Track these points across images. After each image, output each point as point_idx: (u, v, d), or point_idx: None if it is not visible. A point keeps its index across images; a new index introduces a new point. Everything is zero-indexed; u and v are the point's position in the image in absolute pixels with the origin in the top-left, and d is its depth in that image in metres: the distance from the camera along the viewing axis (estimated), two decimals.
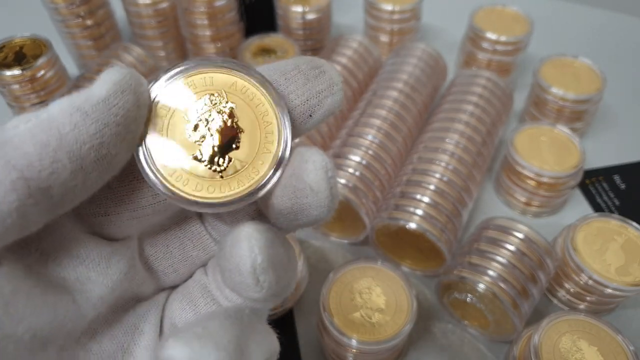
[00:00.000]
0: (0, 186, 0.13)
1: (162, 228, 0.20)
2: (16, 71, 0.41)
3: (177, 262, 0.20)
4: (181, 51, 0.55)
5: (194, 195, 0.17)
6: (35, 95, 0.43)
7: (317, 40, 0.54)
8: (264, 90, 0.17)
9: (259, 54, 0.50)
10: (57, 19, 0.49)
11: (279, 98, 0.17)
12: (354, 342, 0.30)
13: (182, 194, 0.16)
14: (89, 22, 0.49)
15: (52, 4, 0.47)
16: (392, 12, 0.52)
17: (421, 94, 0.45)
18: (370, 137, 0.40)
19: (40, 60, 0.42)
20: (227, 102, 0.17)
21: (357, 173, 0.39)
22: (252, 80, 0.17)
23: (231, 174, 0.17)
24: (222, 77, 0.17)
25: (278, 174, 0.17)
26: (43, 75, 0.43)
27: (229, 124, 0.17)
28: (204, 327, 0.15)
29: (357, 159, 0.39)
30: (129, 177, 0.17)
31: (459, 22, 0.55)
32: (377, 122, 0.41)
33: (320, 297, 0.32)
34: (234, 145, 0.17)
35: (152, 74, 0.46)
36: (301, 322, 0.37)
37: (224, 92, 0.17)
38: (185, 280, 0.20)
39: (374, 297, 0.32)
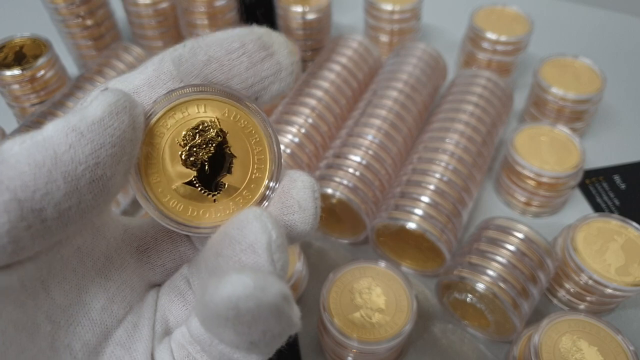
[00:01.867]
0: None
1: (151, 225, 0.20)
2: (16, 71, 0.41)
3: (165, 256, 0.20)
4: None
5: (187, 219, 0.17)
6: (35, 95, 0.43)
7: (317, 40, 0.54)
8: (256, 119, 0.18)
9: None
10: (57, 19, 0.49)
11: (271, 127, 0.18)
12: (354, 342, 0.30)
13: (175, 217, 0.17)
14: (89, 22, 0.49)
15: (52, 4, 0.47)
16: (392, 12, 0.52)
17: (421, 94, 0.45)
18: (370, 137, 0.40)
19: (40, 60, 0.42)
20: (220, 130, 0.18)
21: (357, 173, 0.38)
22: (245, 109, 0.18)
23: (224, 198, 0.18)
24: (216, 105, 0.17)
25: (269, 198, 0.18)
26: (43, 75, 0.43)
27: (222, 150, 0.18)
28: (257, 270, 0.15)
29: (357, 159, 0.39)
30: None
31: (459, 22, 0.55)
32: (377, 122, 0.41)
33: (320, 297, 0.32)
34: (227, 171, 0.18)
35: None
36: (301, 322, 0.37)
37: (217, 120, 0.17)
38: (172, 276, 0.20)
39: (374, 297, 0.32)
